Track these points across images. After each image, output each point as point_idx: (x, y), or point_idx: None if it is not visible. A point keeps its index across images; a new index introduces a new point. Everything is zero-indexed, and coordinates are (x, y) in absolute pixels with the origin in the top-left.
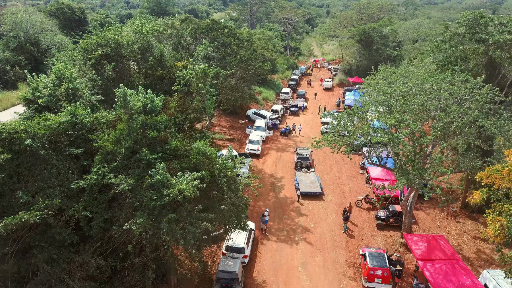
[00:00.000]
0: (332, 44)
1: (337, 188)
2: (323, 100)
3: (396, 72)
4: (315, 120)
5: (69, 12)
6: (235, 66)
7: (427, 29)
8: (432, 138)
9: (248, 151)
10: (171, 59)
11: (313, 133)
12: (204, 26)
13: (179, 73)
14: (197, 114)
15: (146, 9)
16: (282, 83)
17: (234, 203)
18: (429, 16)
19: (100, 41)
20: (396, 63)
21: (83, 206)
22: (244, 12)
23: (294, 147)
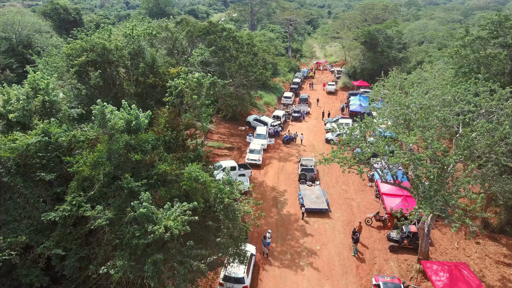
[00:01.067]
0: (334, 46)
1: (345, 203)
2: (327, 105)
3: (407, 78)
4: (318, 126)
5: (64, 13)
6: (234, 73)
7: (433, 31)
8: (457, 158)
9: (248, 161)
10: (165, 65)
11: (317, 141)
12: (201, 29)
13: (170, 83)
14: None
15: (145, 10)
16: (284, 86)
17: (232, 234)
18: (432, 17)
19: (85, 45)
20: (402, 66)
21: (55, 242)
22: (244, 12)
23: (297, 156)
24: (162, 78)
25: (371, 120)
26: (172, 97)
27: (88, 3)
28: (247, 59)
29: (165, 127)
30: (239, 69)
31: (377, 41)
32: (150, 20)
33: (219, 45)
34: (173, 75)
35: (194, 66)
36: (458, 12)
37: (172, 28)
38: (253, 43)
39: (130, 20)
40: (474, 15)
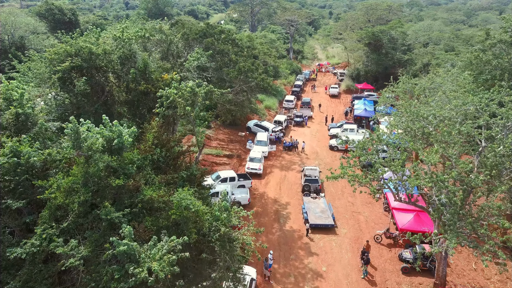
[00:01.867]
0: (336, 47)
1: (351, 217)
2: (330, 109)
3: (418, 84)
4: (322, 131)
5: (59, 13)
6: (233, 78)
7: (438, 32)
8: (484, 179)
9: (248, 170)
10: (158, 70)
11: (321, 147)
12: (197, 31)
13: (161, 92)
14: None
15: (144, 10)
16: (285, 89)
17: (229, 267)
18: (435, 18)
19: (70, 50)
20: (407, 68)
21: (22, 282)
22: (244, 13)
23: (300, 164)
24: (155, 84)
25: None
26: (163, 109)
27: (87, 3)
28: (247, 64)
29: (153, 143)
30: (238, 75)
31: (382, 43)
32: (144, 21)
33: (217, 48)
34: (167, 81)
35: (189, 72)
36: (461, 13)
37: (166, 30)
38: (254, 45)
39: (123, 21)
40: (477, 16)
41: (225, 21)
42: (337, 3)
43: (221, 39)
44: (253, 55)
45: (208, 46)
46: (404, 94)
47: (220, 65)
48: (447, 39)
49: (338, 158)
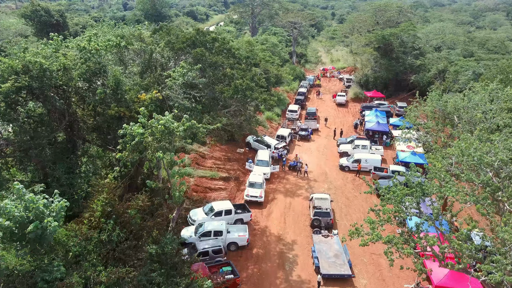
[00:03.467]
0: (341, 50)
1: (371, 261)
2: (337, 119)
3: (449, 102)
4: (330, 147)
5: (46, 15)
6: (228, 98)
7: (452, 35)
8: None
9: (248, 198)
10: (135, 89)
11: (330, 167)
12: (185, 39)
13: (125, 129)
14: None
15: (140, 12)
16: (288, 96)
17: None
18: (441, 19)
19: (16, 66)
20: (419, 75)
21: None
22: (245, 14)
23: (307, 188)
24: (130, 107)
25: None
26: (126, 153)
27: (84, 4)
28: (245, 82)
29: (103, 215)
30: (234, 94)
31: (392, 47)
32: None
33: (208, 60)
34: (145, 102)
35: (173, 91)
36: (467, 14)
37: (147, 38)
38: (254, 52)
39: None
40: (485, 17)
41: (225, 23)
42: (340, 3)
43: (214, 49)
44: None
45: (198, 58)
46: (433, 114)
47: (212, 80)
48: (462, 43)
49: (350, 180)
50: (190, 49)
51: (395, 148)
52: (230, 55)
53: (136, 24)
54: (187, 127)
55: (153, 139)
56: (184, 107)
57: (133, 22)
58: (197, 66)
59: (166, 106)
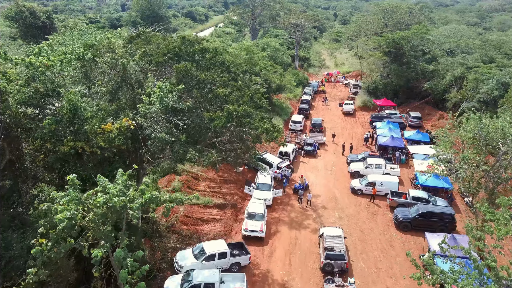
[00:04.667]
0: (345, 52)
1: None
2: (345, 131)
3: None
4: (339, 165)
5: (31, 16)
6: (220, 128)
7: (467, 38)
8: None
9: (246, 233)
10: (99, 115)
11: (340, 190)
12: (167, 49)
13: (46, 208)
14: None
15: (137, 13)
16: (291, 104)
17: None
18: (446, 20)
19: None
20: (433, 82)
21: None
22: (245, 15)
23: (316, 218)
24: (91, 141)
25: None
26: (49, 244)
27: (80, 5)
28: (241, 107)
29: None
30: (228, 122)
31: (403, 51)
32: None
33: (195, 77)
34: (112, 133)
35: (145, 119)
36: (473, 15)
37: (119, 48)
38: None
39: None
40: (491, 18)
41: (225, 24)
42: (341, 4)
43: (204, 62)
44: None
45: (184, 74)
46: (472, 140)
47: (201, 102)
48: (478, 47)
49: (363, 207)
50: (173, 62)
51: (412, 166)
52: (224, 69)
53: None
54: (147, 200)
55: (92, 220)
56: (162, 140)
57: (129, 23)
58: (178, 87)
59: (139, 138)
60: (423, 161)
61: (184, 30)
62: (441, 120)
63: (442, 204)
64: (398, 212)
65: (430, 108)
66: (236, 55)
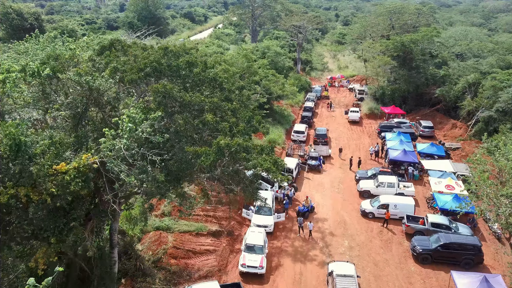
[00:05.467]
0: (348, 55)
1: None
2: (352, 142)
3: None
4: (346, 181)
5: (18, 18)
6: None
7: (479, 42)
8: None
9: (244, 269)
10: (52, 152)
11: (349, 212)
12: (144, 64)
13: None
14: None
15: (133, 13)
16: (293, 111)
17: None
18: (450, 21)
19: None
20: (445, 88)
21: None
22: (244, 16)
23: (323, 248)
24: (39, 185)
25: None
26: None
27: (76, 6)
28: (234, 141)
29: None
30: (218, 159)
31: (412, 55)
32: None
33: (179, 99)
34: (68, 176)
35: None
36: (477, 15)
37: (84, 62)
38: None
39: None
40: (496, 19)
41: (224, 25)
42: (343, 4)
43: (191, 78)
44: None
45: (159, 95)
46: None
47: (185, 130)
48: (490, 50)
49: (376, 233)
50: (152, 80)
51: (426, 183)
52: (216, 86)
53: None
54: None
55: None
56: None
57: (125, 24)
58: (154, 115)
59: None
60: (440, 179)
61: (183, 31)
62: (453, 130)
63: (465, 231)
64: (416, 241)
65: (442, 116)
66: (234, 63)
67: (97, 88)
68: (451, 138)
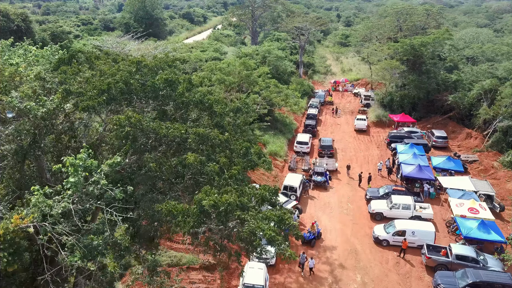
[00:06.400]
0: (351, 57)
1: None
2: (359, 153)
3: None
4: (356, 200)
5: (4, 19)
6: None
7: (492, 45)
8: None
9: None
10: None
11: (360, 239)
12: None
13: None
14: None
15: (130, 14)
16: (295, 119)
17: None
18: (455, 22)
19: None
20: (458, 94)
21: None
22: (244, 17)
23: (332, 285)
24: None
25: None
26: None
27: (73, 6)
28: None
29: None
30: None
31: (423, 59)
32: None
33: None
34: None
35: (54, 219)
36: (482, 16)
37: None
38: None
39: None
40: (502, 19)
41: (223, 26)
42: (344, 4)
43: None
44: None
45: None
46: None
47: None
48: (506, 53)
49: (392, 265)
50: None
51: (443, 203)
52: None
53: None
54: None
55: None
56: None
57: (122, 25)
58: (109, 161)
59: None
60: (461, 200)
61: (181, 32)
62: (468, 140)
63: (495, 265)
64: (440, 278)
65: (454, 124)
66: (230, 72)
67: (43, 117)
68: (466, 149)
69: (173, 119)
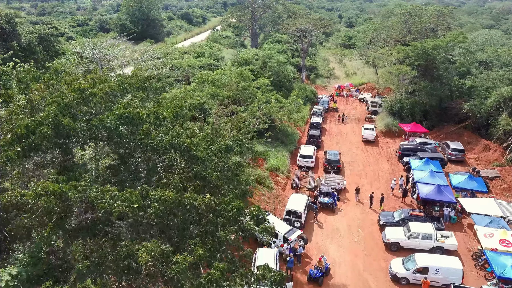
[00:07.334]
0: (355, 60)
1: None
2: (368, 167)
3: None
4: (367, 225)
5: None
6: None
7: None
8: None
9: None
10: None
11: (374, 274)
12: (26, 127)
13: None
14: None
15: (126, 15)
16: (298, 129)
17: None
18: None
19: None
20: (474, 102)
21: None
22: (244, 18)
23: None
24: None
25: None
26: None
27: (70, 6)
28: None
29: None
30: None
31: (435, 64)
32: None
33: (86, 199)
34: None
35: None
36: (487, 17)
37: None
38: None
39: None
40: (507, 20)
41: (222, 27)
42: (346, 5)
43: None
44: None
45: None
46: None
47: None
48: None
49: None
50: (51, 156)
51: (468, 229)
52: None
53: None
54: None
55: None
56: None
57: (117, 26)
58: None
59: None
60: (490, 229)
61: (179, 33)
62: (486, 152)
63: None
64: None
65: (470, 134)
66: (225, 84)
67: None
68: (485, 162)
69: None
